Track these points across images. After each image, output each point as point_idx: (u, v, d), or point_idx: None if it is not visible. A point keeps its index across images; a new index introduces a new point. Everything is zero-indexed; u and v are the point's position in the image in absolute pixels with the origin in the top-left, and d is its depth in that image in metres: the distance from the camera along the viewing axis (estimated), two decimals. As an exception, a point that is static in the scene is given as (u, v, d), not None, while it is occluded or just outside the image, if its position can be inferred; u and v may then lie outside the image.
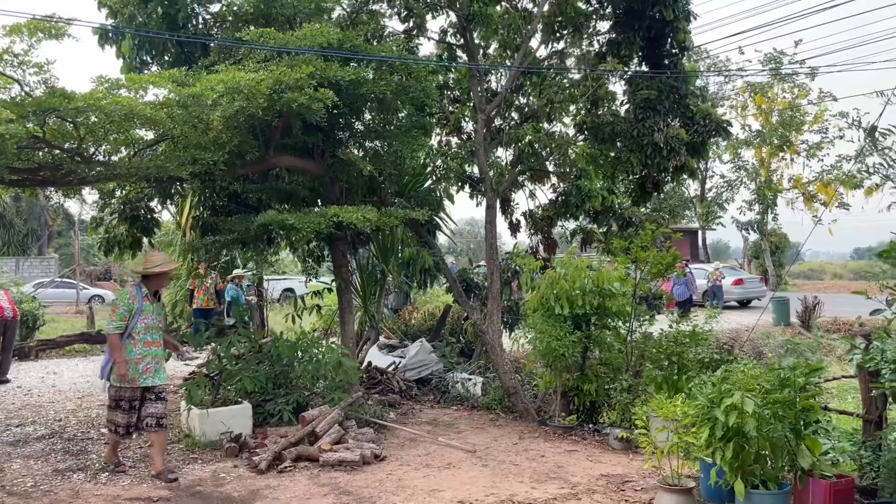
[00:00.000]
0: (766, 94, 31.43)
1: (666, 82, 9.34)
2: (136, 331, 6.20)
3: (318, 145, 8.48)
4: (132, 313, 6.20)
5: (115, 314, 6.25)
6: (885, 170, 12.15)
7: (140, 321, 6.22)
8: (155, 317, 6.37)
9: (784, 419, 4.92)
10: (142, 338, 6.22)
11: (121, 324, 6.17)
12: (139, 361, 6.20)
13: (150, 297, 6.38)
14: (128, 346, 6.17)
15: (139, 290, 6.32)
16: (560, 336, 8.06)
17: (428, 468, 6.66)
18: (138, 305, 6.23)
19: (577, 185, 10.56)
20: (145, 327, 6.25)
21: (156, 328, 6.36)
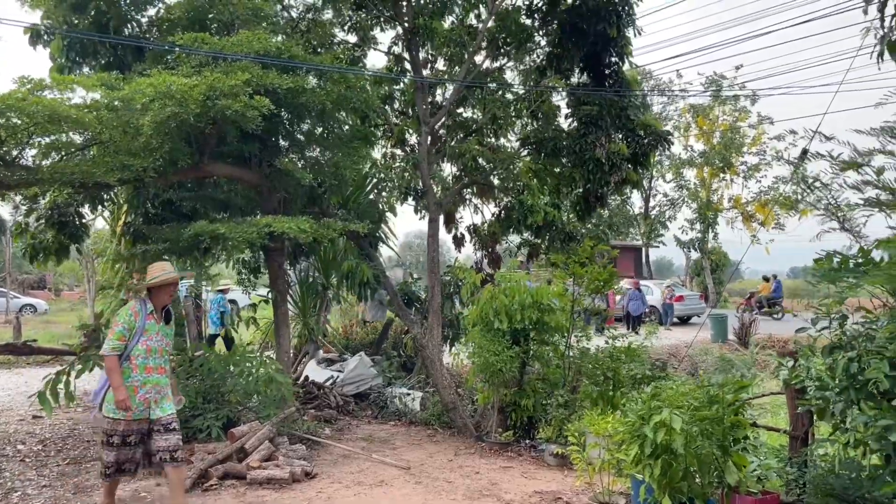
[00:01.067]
0: (708, 115, 32.29)
1: (607, 97, 9.45)
2: (135, 353, 5.25)
3: (255, 154, 8.29)
4: (133, 332, 5.26)
5: (112, 332, 5.29)
6: (808, 195, 12.47)
7: (141, 342, 5.27)
8: (160, 338, 5.38)
9: (712, 436, 4.94)
10: (141, 362, 5.26)
11: (118, 344, 5.21)
12: (137, 390, 5.24)
13: (157, 315, 5.41)
14: (125, 370, 5.22)
15: (144, 305, 5.36)
16: (498, 351, 8.01)
17: (360, 486, 6.51)
18: (140, 324, 5.28)
19: (520, 200, 10.58)
20: (146, 350, 5.28)
21: (160, 352, 5.38)
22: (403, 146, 10.92)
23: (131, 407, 5.17)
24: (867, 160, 5.34)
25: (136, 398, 5.23)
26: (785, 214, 28.74)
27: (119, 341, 5.22)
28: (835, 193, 5.67)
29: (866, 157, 5.42)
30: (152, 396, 5.30)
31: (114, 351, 5.21)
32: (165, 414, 5.34)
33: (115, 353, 5.20)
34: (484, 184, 10.52)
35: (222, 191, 9.38)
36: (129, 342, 5.23)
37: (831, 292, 6.16)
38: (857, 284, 4.93)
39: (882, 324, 4.90)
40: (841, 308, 5.05)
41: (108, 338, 5.30)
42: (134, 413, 5.21)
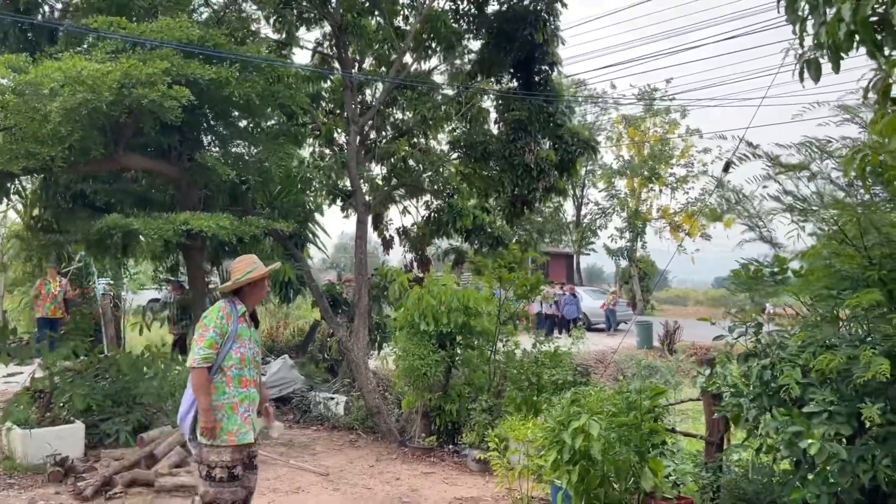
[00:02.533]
0: (639, 127, 33.08)
1: (536, 103, 9.50)
2: (227, 363, 4.31)
3: (174, 147, 7.96)
4: (225, 338, 4.33)
5: (202, 339, 4.27)
6: (731, 206, 12.85)
7: (234, 350, 4.34)
8: (252, 346, 4.49)
9: (630, 442, 4.95)
10: (236, 373, 4.34)
11: (210, 353, 4.24)
12: (237, 407, 4.30)
13: (247, 319, 4.52)
14: (217, 385, 4.28)
15: (234, 307, 4.44)
16: (423, 355, 7.90)
17: (275, 493, 6.28)
18: (233, 328, 4.35)
19: (449, 203, 10.52)
20: (240, 359, 4.36)
21: (253, 362, 4.49)
22: (332, 145, 10.72)
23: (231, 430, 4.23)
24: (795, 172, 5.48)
25: (236, 418, 4.28)
26: (710, 225, 29.71)
27: (211, 349, 4.25)
28: (756, 204, 5.79)
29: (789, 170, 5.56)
30: (251, 416, 4.41)
31: (205, 362, 4.23)
32: (252, 441, 4.43)
33: (206, 363, 4.23)
34: (414, 186, 10.41)
35: (140, 185, 8.98)
36: (221, 350, 4.30)
37: (747, 300, 6.31)
38: (774, 294, 5.02)
39: (797, 331, 5.01)
40: (757, 317, 5.14)
41: (195, 346, 4.31)
42: (237, 437, 4.25)
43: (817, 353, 4.52)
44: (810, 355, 4.61)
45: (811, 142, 5.46)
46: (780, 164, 5.50)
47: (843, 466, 4.18)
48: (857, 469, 4.17)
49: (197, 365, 4.22)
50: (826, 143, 5.31)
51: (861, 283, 4.75)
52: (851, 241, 4.89)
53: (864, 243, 4.93)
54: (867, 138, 5.01)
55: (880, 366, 3.87)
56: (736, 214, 5.97)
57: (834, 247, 4.93)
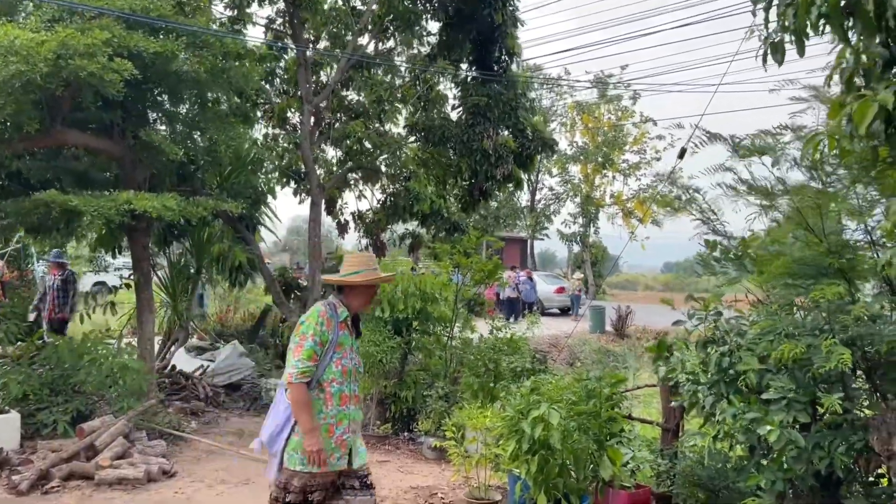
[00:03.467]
0: (594, 113, 33.27)
1: (496, 90, 9.37)
2: (328, 377, 3.71)
3: (117, 123, 7.57)
4: (326, 348, 3.71)
5: (300, 349, 3.65)
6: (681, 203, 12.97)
7: (335, 361, 3.73)
8: (354, 356, 3.88)
9: (589, 430, 4.89)
10: (337, 389, 3.72)
11: (310, 366, 3.62)
12: (333, 429, 3.71)
13: (349, 325, 3.87)
14: (315, 402, 3.67)
15: (334, 310, 3.78)
16: (379, 341, 7.74)
17: (223, 484, 6.06)
18: (333, 335, 3.73)
19: (406, 188, 10.34)
20: (342, 372, 3.75)
21: (355, 375, 3.88)
22: (285, 126, 10.39)
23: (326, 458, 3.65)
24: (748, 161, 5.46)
25: (331, 441, 3.70)
26: (661, 213, 30.16)
27: (310, 361, 3.62)
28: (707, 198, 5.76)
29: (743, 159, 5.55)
30: (350, 438, 3.80)
31: (304, 376, 3.60)
32: (363, 462, 3.90)
33: (306, 378, 3.61)
34: (370, 169, 10.20)
35: (81, 163, 8.55)
36: (321, 362, 3.69)
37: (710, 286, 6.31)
38: (737, 281, 5.00)
39: (756, 318, 5.00)
40: (717, 304, 5.12)
41: (292, 357, 3.66)
42: (329, 464, 3.67)
43: (777, 342, 4.51)
44: (769, 343, 4.60)
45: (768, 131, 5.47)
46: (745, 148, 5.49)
47: (800, 453, 4.19)
48: (813, 456, 4.18)
49: (295, 380, 3.58)
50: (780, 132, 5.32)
51: (821, 272, 4.76)
52: (812, 227, 4.90)
53: (823, 231, 4.95)
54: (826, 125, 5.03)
55: (841, 355, 3.87)
56: (687, 209, 5.95)
57: (794, 230, 4.93)
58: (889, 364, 4.22)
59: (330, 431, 3.69)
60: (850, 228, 5.16)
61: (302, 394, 3.59)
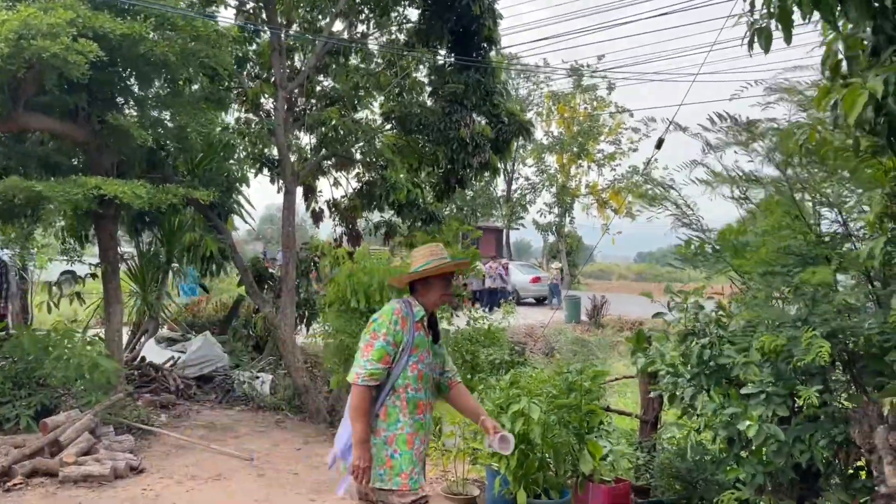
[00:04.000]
0: (569, 103, 33.24)
1: (474, 77, 9.23)
2: (403, 381, 3.34)
3: (83, 107, 7.30)
4: (400, 349, 3.34)
5: (370, 348, 3.30)
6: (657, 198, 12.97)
7: (411, 365, 3.36)
8: (431, 360, 3.49)
9: (569, 424, 4.82)
10: (412, 396, 3.37)
11: (380, 368, 3.27)
12: (411, 439, 3.35)
13: (425, 325, 3.50)
14: (391, 410, 3.34)
15: (409, 308, 3.44)
16: (355, 333, 7.58)
17: (194, 480, 5.90)
18: (409, 336, 3.37)
19: (382, 176, 10.17)
20: (418, 377, 3.38)
21: (431, 381, 3.51)
22: (258, 111, 10.15)
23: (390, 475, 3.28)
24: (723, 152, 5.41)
25: (410, 455, 3.32)
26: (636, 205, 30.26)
27: (381, 363, 3.26)
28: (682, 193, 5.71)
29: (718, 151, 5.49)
30: (423, 451, 3.47)
31: (372, 378, 3.25)
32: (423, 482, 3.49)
33: (373, 381, 3.25)
34: (345, 156, 10.00)
35: (47, 148, 8.26)
36: (395, 365, 3.33)
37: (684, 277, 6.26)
38: (720, 270, 4.95)
39: (737, 309, 4.95)
40: (697, 296, 5.06)
41: (360, 357, 3.31)
42: (410, 481, 3.30)
43: (759, 334, 4.47)
44: (753, 333, 4.56)
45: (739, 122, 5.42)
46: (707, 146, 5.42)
47: (780, 447, 4.16)
48: (794, 449, 4.15)
49: (361, 381, 3.22)
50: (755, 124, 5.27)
51: (809, 261, 4.72)
52: (804, 215, 4.85)
53: (816, 219, 4.91)
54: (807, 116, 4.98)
55: (820, 348, 3.82)
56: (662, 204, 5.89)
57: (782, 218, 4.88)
58: (870, 356, 4.19)
59: (409, 443, 3.30)
60: (829, 220, 5.14)
61: (364, 399, 3.23)
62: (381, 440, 3.31)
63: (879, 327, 3.85)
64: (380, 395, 3.31)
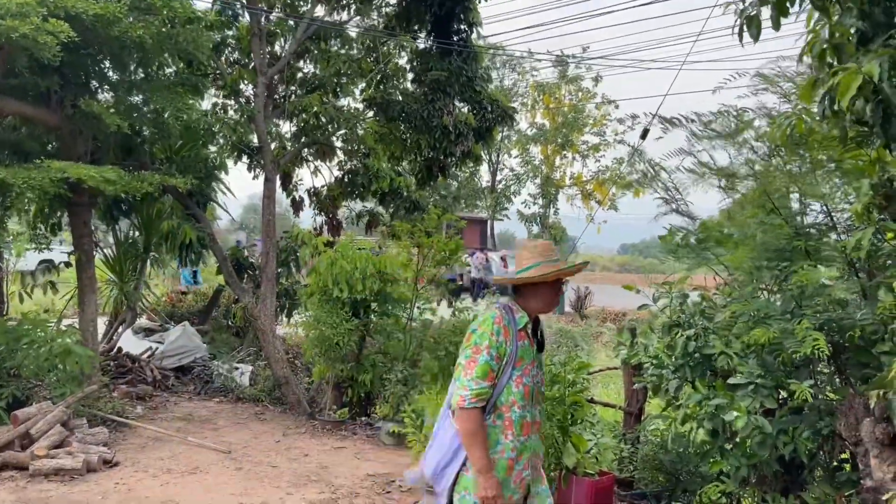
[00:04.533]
0: (554, 94, 33.13)
1: (456, 63, 9.10)
2: (506, 399, 2.99)
3: (55, 91, 7.09)
4: (504, 363, 2.98)
5: (473, 364, 2.92)
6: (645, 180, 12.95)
7: (515, 380, 2.99)
8: (536, 373, 3.12)
9: (553, 417, 4.74)
10: (518, 416, 3.00)
11: (486, 387, 2.91)
12: (512, 465, 2.99)
13: (528, 334, 3.11)
14: (492, 430, 2.97)
15: (511, 316, 3.05)
16: (336, 324, 7.47)
17: (169, 474, 5.76)
18: (513, 347, 2.99)
19: (364, 164, 10.02)
20: (524, 394, 3.02)
21: (538, 396, 3.16)
22: (237, 97, 9.94)
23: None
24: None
25: (509, 481, 2.98)
26: (620, 194, 30.29)
27: (487, 380, 2.91)
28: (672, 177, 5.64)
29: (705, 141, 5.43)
30: (529, 475, 3.08)
31: (480, 399, 2.90)
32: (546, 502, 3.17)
33: (481, 401, 2.90)
34: (325, 144, 9.83)
35: (18, 133, 8.03)
36: (499, 380, 2.96)
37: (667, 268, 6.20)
38: (704, 262, 4.88)
39: (721, 301, 4.90)
40: (682, 286, 5.00)
41: (462, 375, 2.93)
42: None
43: (748, 326, 4.41)
44: (743, 324, 4.50)
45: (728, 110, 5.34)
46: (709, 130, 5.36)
47: (765, 439, 4.11)
48: (778, 441, 4.10)
49: (468, 405, 2.86)
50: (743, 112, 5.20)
51: (788, 254, 4.66)
52: (779, 210, 4.79)
53: (790, 212, 4.85)
54: (794, 106, 4.91)
55: (815, 341, 3.76)
56: (651, 188, 5.82)
57: (756, 213, 4.83)
58: (855, 348, 4.14)
59: (509, 468, 2.96)
60: (815, 211, 5.09)
61: (475, 422, 2.87)
62: None
63: (871, 318, 3.79)
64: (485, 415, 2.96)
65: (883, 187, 4.05)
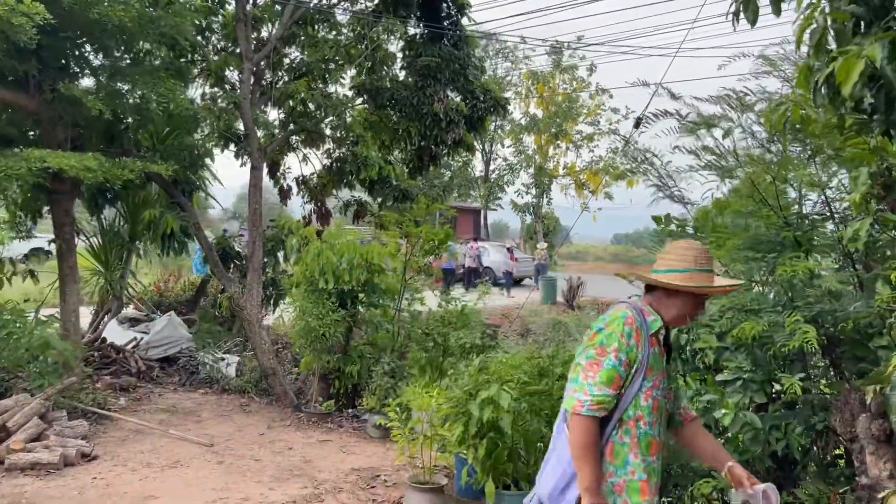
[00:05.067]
0: (548, 83, 32.94)
1: (446, 49, 8.93)
2: (633, 412, 2.60)
3: (32, 75, 6.90)
4: (634, 370, 2.59)
5: (597, 367, 2.55)
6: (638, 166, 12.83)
7: (645, 392, 2.61)
8: (665, 385, 2.73)
9: (541, 411, 4.62)
10: (645, 432, 2.61)
11: (609, 394, 2.53)
12: (644, 488, 2.59)
13: (660, 340, 2.75)
14: (618, 448, 2.60)
15: (643, 317, 2.65)
16: (322, 314, 7.33)
17: (149, 468, 5.62)
18: (644, 353, 2.60)
19: (353, 152, 9.86)
20: (652, 408, 2.63)
21: (665, 413, 2.77)
22: (223, 84, 9.75)
23: None
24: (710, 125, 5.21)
25: None
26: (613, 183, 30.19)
27: (611, 388, 2.52)
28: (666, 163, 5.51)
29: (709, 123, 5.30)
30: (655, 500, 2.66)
31: (600, 407, 2.51)
32: None
33: (602, 410, 2.52)
34: (314, 131, 9.66)
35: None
36: (627, 390, 2.58)
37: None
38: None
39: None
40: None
41: (582, 377, 2.55)
42: None
43: (737, 319, 4.29)
44: (728, 321, 4.39)
45: (729, 94, 5.21)
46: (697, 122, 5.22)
47: (756, 434, 4.00)
48: (770, 437, 4.00)
49: (587, 412, 2.49)
50: (743, 96, 5.07)
51: (778, 245, 4.55)
52: (767, 200, 4.67)
53: (779, 202, 4.73)
54: (791, 92, 4.78)
55: (805, 334, 3.64)
56: (644, 174, 5.69)
57: (747, 203, 4.71)
58: (850, 342, 4.03)
59: (643, 493, 2.57)
60: (812, 201, 4.97)
61: (591, 433, 2.50)
62: (608, 487, 2.57)
63: (865, 311, 3.68)
64: (604, 428, 2.57)
65: (882, 176, 3.93)
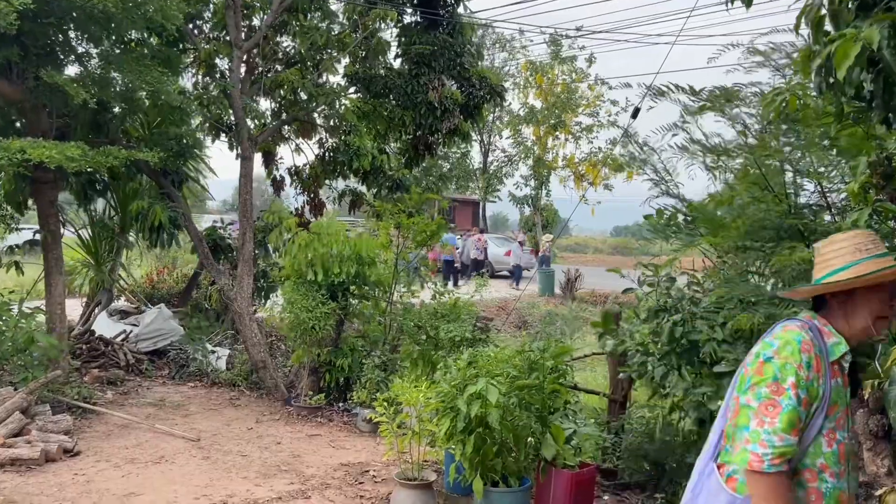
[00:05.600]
0: (547, 74, 32.66)
1: (442, 37, 8.77)
2: (813, 461, 2.08)
3: (15, 62, 6.75)
4: (814, 407, 2.06)
5: (773, 408, 2.00)
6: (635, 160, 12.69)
7: (828, 434, 2.09)
8: (846, 422, 2.18)
9: (531, 406, 4.50)
10: (831, 486, 2.08)
11: (793, 442, 1.99)
12: None
13: (843, 367, 2.16)
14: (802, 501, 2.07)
15: (821, 339, 2.11)
16: (311, 307, 7.21)
17: (132, 464, 5.51)
18: (826, 387, 2.07)
19: (346, 142, 9.70)
20: (838, 453, 2.10)
21: (853, 458, 2.22)
22: (212, 73, 9.59)
23: None
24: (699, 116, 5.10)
25: None
26: (612, 175, 30.01)
27: (793, 433, 2.00)
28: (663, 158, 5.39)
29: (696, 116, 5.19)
30: None
31: (782, 460, 1.98)
32: None
33: (786, 464, 2.00)
34: (306, 121, 9.51)
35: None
36: (805, 433, 2.06)
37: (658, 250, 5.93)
38: (691, 244, 4.63)
39: (709, 286, 4.66)
40: (670, 270, 4.76)
41: (757, 423, 2.01)
42: None
43: (735, 311, 4.18)
44: (728, 313, 4.27)
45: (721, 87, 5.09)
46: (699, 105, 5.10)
47: (753, 429, 3.87)
48: (767, 432, 3.88)
49: (769, 468, 1.97)
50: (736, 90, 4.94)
51: (780, 235, 4.43)
52: (773, 186, 4.54)
53: (785, 190, 4.60)
54: (787, 81, 4.65)
55: (803, 327, 3.52)
56: (642, 169, 5.57)
57: (751, 189, 4.59)
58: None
59: None
60: (809, 191, 4.85)
61: (781, 493, 1.98)
62: None
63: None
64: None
65: (881, 165, 3.82)
